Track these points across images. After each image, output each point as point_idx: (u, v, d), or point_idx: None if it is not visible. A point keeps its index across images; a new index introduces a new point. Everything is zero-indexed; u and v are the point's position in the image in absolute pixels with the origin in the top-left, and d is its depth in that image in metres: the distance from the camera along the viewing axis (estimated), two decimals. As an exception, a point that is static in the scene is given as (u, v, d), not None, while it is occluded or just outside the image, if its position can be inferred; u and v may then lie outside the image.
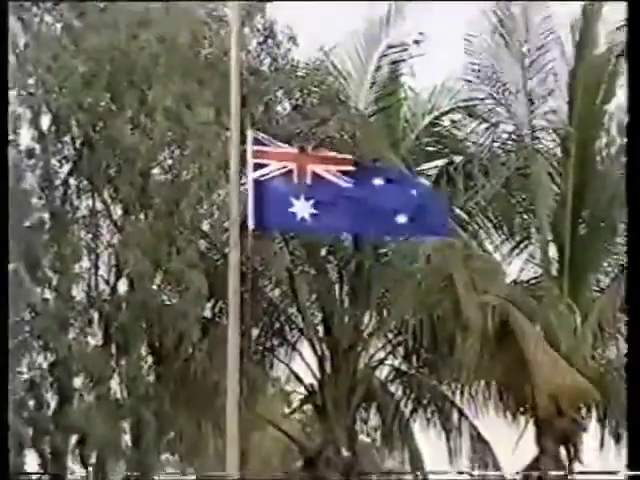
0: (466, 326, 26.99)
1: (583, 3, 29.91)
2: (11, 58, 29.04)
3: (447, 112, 31.26)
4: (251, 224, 16.75)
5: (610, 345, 29.60)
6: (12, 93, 29.27)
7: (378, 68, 31.04)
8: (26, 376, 30.10)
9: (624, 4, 8.37)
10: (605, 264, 30.39)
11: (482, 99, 30.63)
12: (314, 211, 17.21)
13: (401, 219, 17.43)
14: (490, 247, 31.11)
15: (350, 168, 17.22)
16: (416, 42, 30.64)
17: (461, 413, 32.36)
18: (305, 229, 20.00)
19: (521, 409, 29.09)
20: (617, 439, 29.83)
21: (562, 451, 28.62)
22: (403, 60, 31.20)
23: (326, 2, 35.67)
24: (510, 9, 29.97)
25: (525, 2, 30.11)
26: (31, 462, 30.48)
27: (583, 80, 29.54)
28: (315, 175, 17.16)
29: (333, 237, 28.19)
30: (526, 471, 29.23)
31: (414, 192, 17.56)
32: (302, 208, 17.12)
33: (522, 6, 30.07)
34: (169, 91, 27.93)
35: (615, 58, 29.60)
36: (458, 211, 29.83)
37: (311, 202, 17.20)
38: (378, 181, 17.69)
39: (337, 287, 31.12)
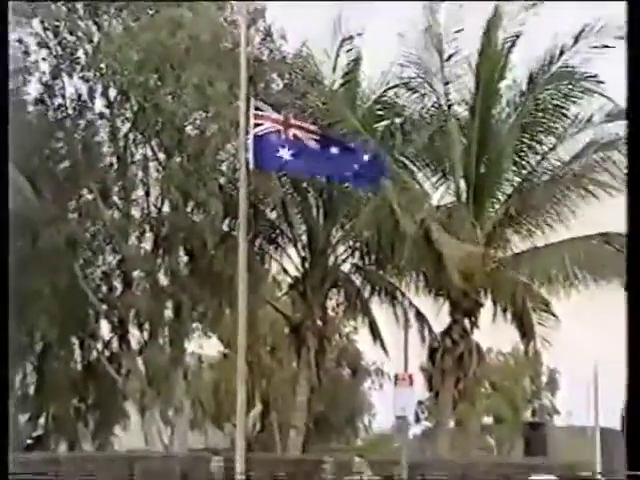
0: (403, 236, 27.64)
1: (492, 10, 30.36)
2: (88, 48, 30.06)
3: (391, 87, 31.31)
4: (251, 165, 18.18)
5: (499, 249, 30.37)
6: (89, 74, 30.40)
7: (338, 57, 31.19)
8: (101, 269, 31.49)
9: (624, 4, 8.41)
10: (498, 193, 30.62)
11: (413, 78, 30.94)
12: (292, 157, 18.68)
13: (348, 173, 19.04)
14: (420, 181, 31.47)
15: (315, 136, 18.56)
16: (359, 34, 30.95)
17: (403, 294, 32.47)
18: (287, 169, 20.90)
19: (440, 292, 30.00)
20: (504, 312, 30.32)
21: (466, 321, 30.06)
22: (356, 50, 31.35)
23: (306, 6, 35.57)
24: (435, 14, 30.12)
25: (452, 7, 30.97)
26: (104, 328, 31.74)
27: (485, 67, 30.16)
28: (294, 134, 18.52)
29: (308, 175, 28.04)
30: (443, 333, 30.32)
31: (359, 155, 18.75)
32: (285, 154, 18.33)
33: (446, 12, 30.42)
34: (196, 73, 28.40)
35: (506, 52, 30.50)
36: (399, 157, 30.55)
37: (291, 151, 18.55)
38: (334, 149, 19.06)
39: (315, 210, 31.66)
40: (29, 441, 31.02)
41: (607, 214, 28.76)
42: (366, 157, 18.66)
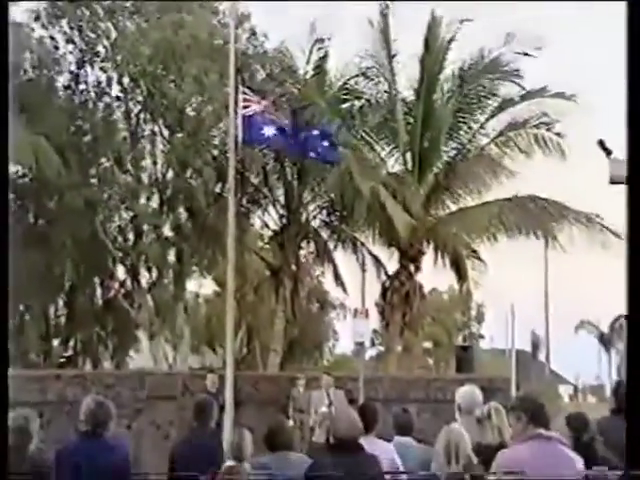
0: (361, 197, 27.68)
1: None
2: (106, 44, 30.39)
3: (352, 77, 31.36)
4: (240, 140, 18.74)
5: (439, 207, 30.77)
6: (107, 65, 30.72)
7: (311, 53, 31.14)
8: (117, 224, 31.95)
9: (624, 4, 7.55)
10: (437, 164, 30.84)
11: (370, 68, 31.04)
12: (274, 134, 19.18)
13: (312, 154, 19.60)
14: (376, 153, 31.58)
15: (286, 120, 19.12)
16: (329, 38, 30.94)
17: (362, 244, 33.03)
18: (269, 143, 21.42)
19: (391, 243, 30.13)
20: (442, 259, 30.69)
21: (412, 266, 30.26)
22: (325, 48, 31.27)
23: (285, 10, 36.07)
24: (388, 17, 30.35)
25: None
26: (120, 270, 32.26)
27: (428, 60, 30.33)
28: (277, 115, 19.05)
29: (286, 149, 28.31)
30: (393, 275, 30.62)
31: (321, 140, 19.44)
32: (268, 131, 18.93)
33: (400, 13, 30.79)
34: (194, 65, 28.93)
35: (445, 49, 30.70)
36: (358, 133, 30.81)
37: (272, 129, 19.13)
38: (303, 132, 19.65)
39: (290, 176, 31.84)
40: (61, 360, 31.41)
41: (520, 182, 29.58)
42: (326, 143, 19.30)
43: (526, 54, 29.54)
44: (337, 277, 35.66)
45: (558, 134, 29.53)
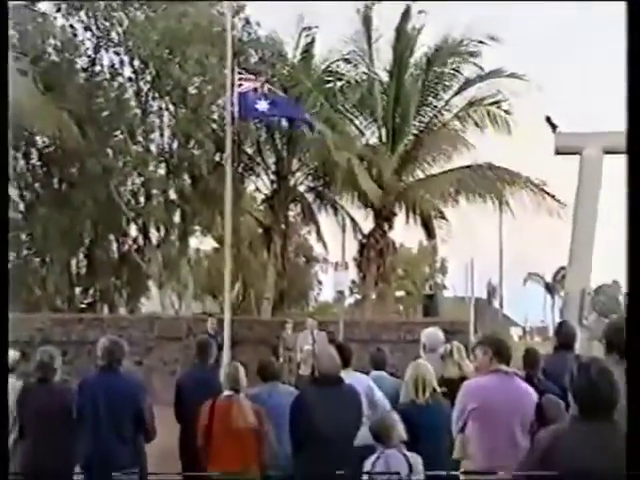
0: (337, 166, 27.91)
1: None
2: (119, 31, 30.18)
3: (334, 61, 31.27)
4: (236, 115, 18.48)
5: (408, 174, 30.83)
6: (120, 49, 30.49)
7: (299, 39, 31.26)
8: (130, 188, 31.87)
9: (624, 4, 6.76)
10: (406, 137, 30.77)
11: (350, 53, 30.98)
12: (266, 109, 19.08)
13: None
14: (355, 126, 31.70)
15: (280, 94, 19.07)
16: (316, 27, 31.18)
17: (341, 207, 32.98)
18: (263, 116, 20.67)
19: (367, 205, 30.35)
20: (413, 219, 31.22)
21: (385, 225, 30.23)
22: (312, 35, 31.41)
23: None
24: (370, 14, 30.60)
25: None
26: (132, 229, 32.34)
27: (400, 46, 30.51)
28: (269, 92, 18.92)
29: (277, 121, 28.50)
30: (369, 233, 30.65)
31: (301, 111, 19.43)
32: (260, 106, 18.66)
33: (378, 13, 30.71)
34: (196, 49, 28.56)
35: (415, 36, 30.78)
36: (340, 110, 30.87)
37: (265, 104, 19.00)
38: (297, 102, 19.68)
39: (280, 146, 31.71)
40: (82, 306, 31.42)
41: (477, 153, 29.85)
42: (306, 115, 19.39)
43: (481, 42, 29.88)
44: (319, 235, 35.86)
45: (506, 111, 29.91)
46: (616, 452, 4.88)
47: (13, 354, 9.52)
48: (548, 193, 28.82)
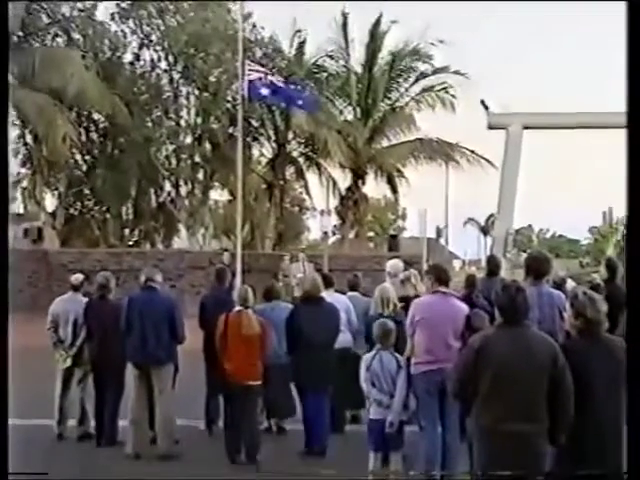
0: (324, 137, 28.03)
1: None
2: (157, 33, 29.80)
3: (321, 57, 31.04)
4: (246, 97, 18.48)
5: (377, 143, 30.46)
6: (158, 47, 30.09)
7: (293, 39, 30.91)
8: (164, 153, 31.46)
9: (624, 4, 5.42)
10: (375, 115, 30.44)
11: (332, 51, 30.69)
12: (269, 93, 18.84)
13: (297, 103, 19.26)
14: (336, 108, 31.37)
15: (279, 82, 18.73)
16: (305, 30, 31.04)
17: (325, 168, 32.36)
18: (266, 100, 20.56)
19: (345, 166, 30.11)
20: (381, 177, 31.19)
21: (360, 181, 30.19)
22: (304, 36, 31.08)
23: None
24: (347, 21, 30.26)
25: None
26: (167, 185, 32.11)
27: (372, 45, 30.31)
28: (271, 80, 18.66)
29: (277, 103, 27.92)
30: (347, 188, 30.57)
31: (301, 95, 19.08)
32: (265, 91, 18.44)
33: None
34: (215, 47, 28.41)
35: (382, 37, 30.54)
36: (324, 94, 30.54)
37: (268, 90, 18.69)
38: (289, 89, 19.31)
39: (279, 121, 31.16)
40: (130, 243, 31.34)
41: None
42: (305, 96, 18.92)
43: (432, 43, 29.78)
44: (307, 190, 35.55)
45: (453, 95, 29.87)
46: (529, 348, 5.05)
47: (79, 276, 9.59)
48: (481, 157, 29.19)
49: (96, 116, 29.76)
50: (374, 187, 31.83)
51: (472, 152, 29.53)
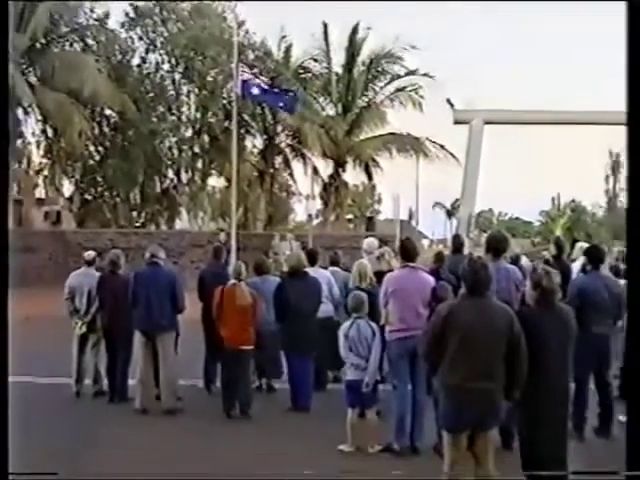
0: (307, 130, 27.67)
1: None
2: (161, 39, 29.45)
3: (306, 59, 30.57)
4: (239, 95, 18.24)
5: (355, 136, 29.96)
6: (162, 51, 29.55)
7: (280, 40, 30.54)
8: (167, 145, 30.95)
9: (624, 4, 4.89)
10: (354, 109, 30.10)
11: (316, 54, 30.26)
12: (258, 92, 18.69)
13: (280, 104, 18.94)
14: (319, 104, 30.86)
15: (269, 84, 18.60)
16: (289, 35, 30.58)
17: (309, 158, 31.47)
18: (255, 98, 19.66)
19: (327, 156, 29.53)
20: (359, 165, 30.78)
21: (340, 169, 29.90)
22: (290, 41, 30.73)
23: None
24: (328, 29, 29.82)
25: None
26: (170, 172, 31.86)
27: (351, 49, 29.89)
28: (259, 83, 18.54)
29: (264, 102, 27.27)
30: (329, 175, 30.18)
31: (284, 97, 18.73)
32: (255, 90, 18.44)
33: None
34: (212, 50, 28.04)
35: (360, 44, 30.07)
36: (308, 93, 30.08)
37: (257, 89, 18.59)
38: (274, 91, 19.16)
39: (269, 114, 30.59)
40: (137, 224, 31.06)
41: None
42: (286, 98, 18.65)
43: (404, 48, 29.53)
44: (292, 177, 35.12)
45: (421, 96, 29.67)
46: (490, 316, 5.07)
47: (91, 253, 9.58)
48: (447, 150, 29.20)
49: (108, 112, 29.39)
50: (353, 175, 31.60)
51: (441, 146, 29.43)
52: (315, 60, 30.69)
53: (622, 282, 7.44)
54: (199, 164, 31.57)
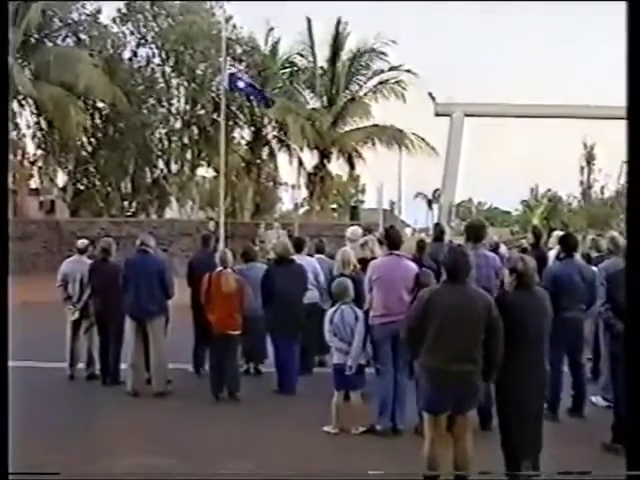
0: (293, 123, 27.61)
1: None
2: (152, 33, 29.19)
3: (292, 54, 30.44)
4: (227, 88, 18.22)
5: (340, 127, 29.80)
6: (152, 45, 29.25)
7: (267, 35, 30.41)
8: (158, 136, 30.80)
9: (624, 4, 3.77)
10: (340, 103, 29.76)
11: (302, 49, 30.05)
12: (244, 85, 18.64)
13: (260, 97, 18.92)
14: (304, 97, 30.58)
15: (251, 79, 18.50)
16: (277, 27, 30.79)
17: (295, 149, 30.78)
18: (242, 91, 19.72)
19: (312, 147, 29.51)
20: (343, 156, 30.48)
21: (325, 160, 29.76)
22: (277, 36, 30.63)
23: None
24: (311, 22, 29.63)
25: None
26: (160, 163, 31.65)
27: (335, 44, 29.59)
28: (245, 75, 18.48)
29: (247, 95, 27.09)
30: (314, 166, 29.93)
31: (262, 92, 18.73)
32: (241, 84, 18.47)
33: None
34: (201, 45, 27.77)
35: (344, 40, 29.91)
36: (294, 86, 30.29)
37: (243, 83, 18.58)
38: (255, 86, 19.09)
39: (256, 109, 29.97)
40: (128, 213, 30.82)
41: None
42: (261, 95, 18.86)
43: (386, 43, 29.46)
44: (276, 167, 34.78)
45: (404, 88, 29.51)
46: (469, 301, 5.07)
47: (84, 241, 9.56)
48: (427, 143, 29.08)
49: (100, 104, 29.13)
50: (338, 165, 31.40)
51: (421, 139, 29.40)
52: (301, 55, 30.47)
53: (594, 269, 7.49)
54: (188, 155, 31.27)
